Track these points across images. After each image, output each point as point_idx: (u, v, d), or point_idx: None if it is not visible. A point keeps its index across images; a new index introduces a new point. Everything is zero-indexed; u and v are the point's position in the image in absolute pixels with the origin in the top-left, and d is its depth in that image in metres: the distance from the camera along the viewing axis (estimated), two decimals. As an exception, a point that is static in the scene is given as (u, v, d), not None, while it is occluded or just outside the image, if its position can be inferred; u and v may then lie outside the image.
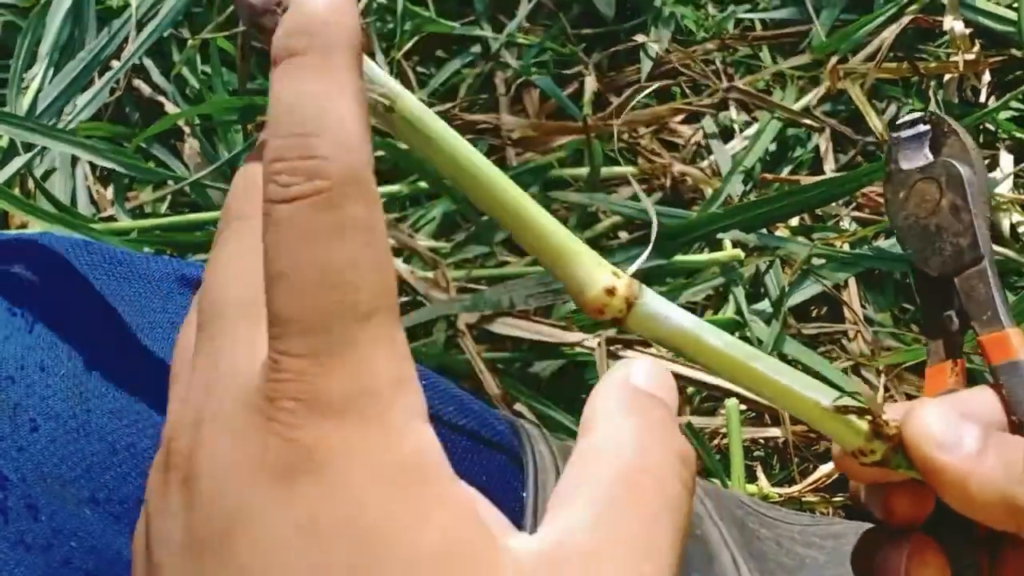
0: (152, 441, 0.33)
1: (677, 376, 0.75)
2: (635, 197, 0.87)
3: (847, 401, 0.29)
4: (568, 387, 0.77)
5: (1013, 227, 0.81)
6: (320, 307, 0.22)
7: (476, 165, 0.28)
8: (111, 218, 0.90)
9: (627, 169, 0.88)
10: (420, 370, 0.42)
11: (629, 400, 0.25)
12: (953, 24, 0.87)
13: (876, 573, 0.33)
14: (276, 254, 0.23)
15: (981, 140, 0.88)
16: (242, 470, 0.22)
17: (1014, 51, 0.90)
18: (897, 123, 0.39)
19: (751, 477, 0.73)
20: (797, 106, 0.90)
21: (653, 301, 0.28)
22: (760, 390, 0.29)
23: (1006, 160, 0.85)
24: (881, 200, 0.83)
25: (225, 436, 0.23)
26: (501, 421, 0.44)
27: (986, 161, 0.86)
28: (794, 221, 0.84)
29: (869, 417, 0.29)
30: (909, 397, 0.76)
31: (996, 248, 0.78)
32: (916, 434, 0.30)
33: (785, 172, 0.88)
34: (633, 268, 0.29)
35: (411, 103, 0.27)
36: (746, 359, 0.28)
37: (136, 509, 0.33)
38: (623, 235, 0.85)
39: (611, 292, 0.28)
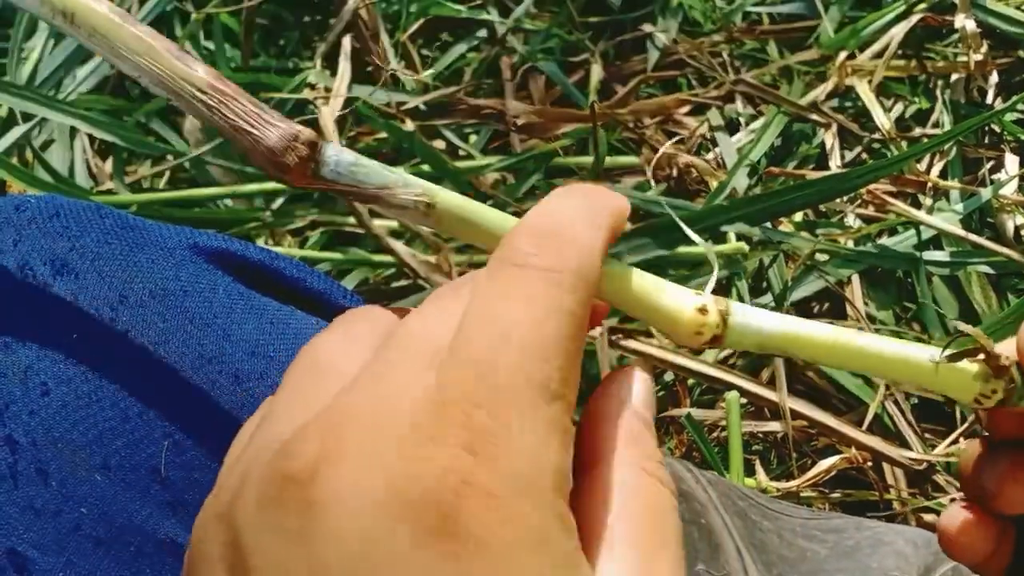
0: (166, 408, 0.33)
1: (678, 368, 0.74)
2: (640, 187, 0.87)
3: (960, 349, 0.29)
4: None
5: (1017, 229, 0.81)
6: (522, 371, 0.23)
7: None
8: (109, 191, 0.89)
9: (632, 159, 0.88)
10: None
11: (630, 431, 0.26)
12: (964, 23, 0.86)
13: (977, 479, 0.33)
14: (491, 301, 0.24)
15: (987, 142, 0.88)
16: (390, 514, 0.21)
17: (1022, 53, 0.90)
18: None
19: (749, 471, 0.73)
20: (804, 101, 0.90)
21: (742, 310, 0.28)
22: (868, 369, 0.29)
23: (1011, 162, 0.85)
24: (886, 198, 0.83)
25: (370, 472, 0.21)
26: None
27: (991, 164, 0.86)
28: (798, 216, 0.83)
29: (982, 356, 0.29)
30: (909, 396, 0.76)
31: (999, 249, 0.78)
32: None
33: (790, 167, 0.88)
34: (709, 286, 0.29)
35: (449, 196, 0.27)
36: (848, 344, 0.28)
37: (148, 476, 0.32)
38: (627, 225, 0.85)
39: (703, 311, 0.28)
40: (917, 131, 0.88)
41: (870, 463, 0.72)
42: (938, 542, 0.34)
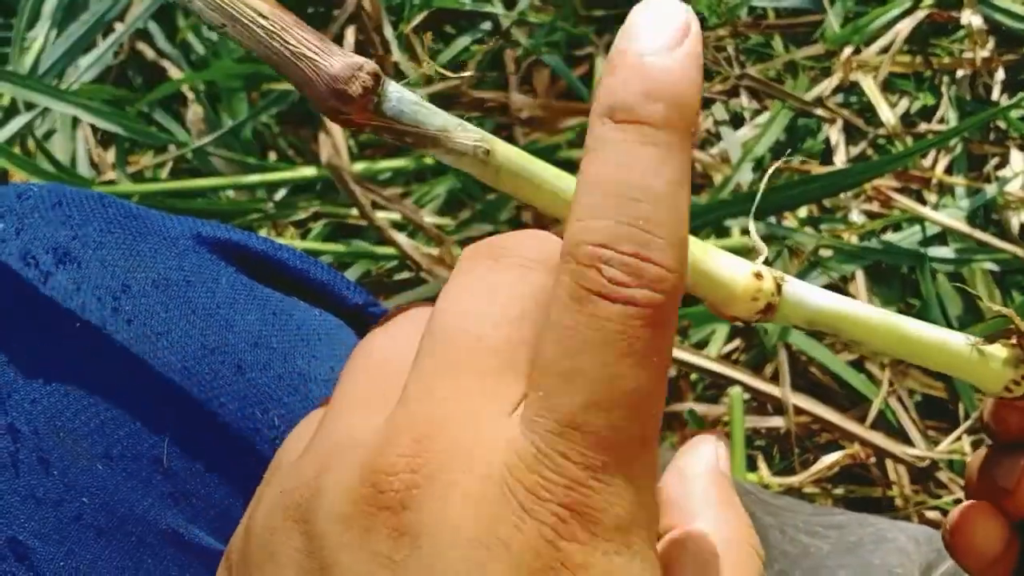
0: (168, 398, 0.33)
1: (681, 362, 0.74)
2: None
3: (998, 334, 0.29)
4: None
5: (1022, 226, 0.81)
6: (620, 428, 0.21)
7: None
8: (111, 181, 0.89)
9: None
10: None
11: (722, 492, 0.25)
12: (971, 19, 0.86)
13: (990, 480, 0.32)
14: (584, 349, 0.21)
15: (992, 138, 0.87)
16: (487, 557, 0.21)
17: (1028, 50, 0.90)
18: None
19: (752, 466, 0.73)
20: (809, 96, 0.89)
21: (796, 283, 0.28)
22: (908, 353, 0.28)
23: (1017, 158, 0.85)
24: (891, 193, 0.83)
25: (465, 509, 0.21)
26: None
27: (996, 159, 0.86)
28: (803, 212, 0.83)
29: (1014, 340, 0.29)
30: (912, 393, 0.75)
31: (1004, 246, 0.78)
32: None
33: (795, 162, 0.87)
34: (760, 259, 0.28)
35: (507, 147, 0.26)
36: (896, 327, 0.28)
37: (150, 466, 0.32)
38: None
39: (759, 276, 0.27)
40: (922, 127, 0.88)
41: (873, 459, 0.72)
42: (945, 543, 0.33)
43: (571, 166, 0.91)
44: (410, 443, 0.21)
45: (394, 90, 0.25)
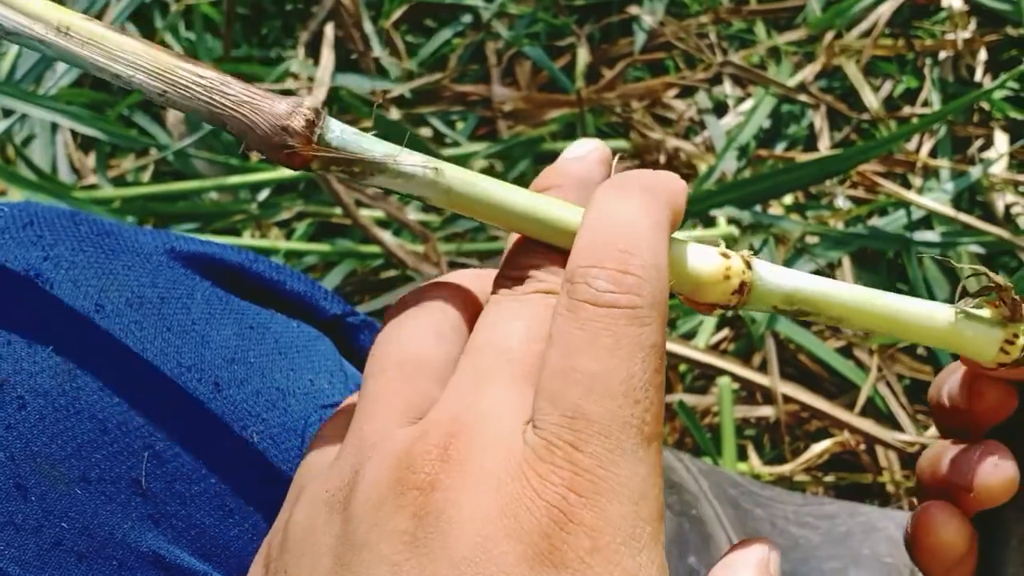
0: (145, 419, 0.32)
1: (670, 354, 0.74)
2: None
3: (982, 299, 0.28)
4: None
5: (1007, 207, 0.81)
6: (617, 414, 0.23)
7: (538, 208, 0.27)
8: (93, 186, 0.88)
9: (620, 143, 0.87)
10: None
11: None
12: (952, 1, 0.86)
13: (944, 477, 0.32)
14: (577, 349, 0.24)
15: (976, 120, 0.87)
16: (501, 534, 0.23)
17: (1010, 30, 0.90)
18: None
19: (742, 456, 0.73)
20: (792, 82, 0.89)
21: (767, 264, 0.28)
22: (893, 328, 0.28)
23: (1001, 140, 0.84)
24: (876, 178, 0.82)
25: (486, 491, 0.23)
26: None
27: (980, 141, 0.85)
28: (788, 199, 0.83)
29: (996, 302, 0.28)
30: (901, 378, 0.75)
31: (989, 228, 0.78)
32: None
33: (779, 149, 0.87)
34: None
35: (454, 168, 0.27)
36: (874, 301, 0.28)
37: (128, 488, 0.32)
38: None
39: (726, 255, 0.27)
40: (906, 110, 0.88)
41: (863, 446, 0.72)
42: (907, 547, 0.33)
43: (555, 159, 0.91)
44: (443, 436, 0.24)
45: (335, 123, 0.26)
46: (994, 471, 0.30)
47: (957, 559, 0.31)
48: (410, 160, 0.26)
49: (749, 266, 0.27)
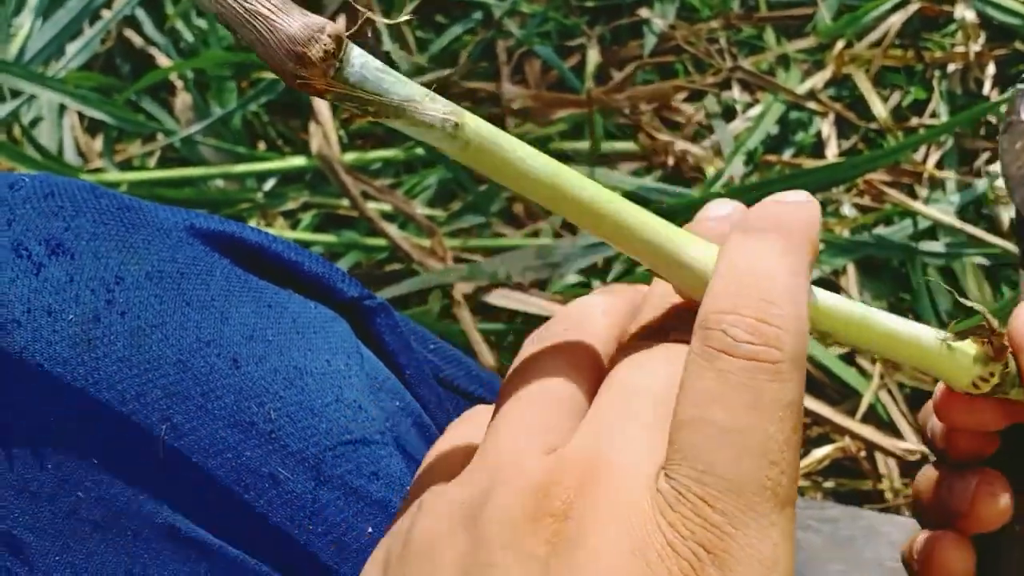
0: (163, 392, 0.32)
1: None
2: (636, 173, 0.86)
3: (967, 330, 0.29)
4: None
5: (1012, 221, 0.81)
6: (750, 475, 0.22)
7: (560, 177, 0.25)
8: (98, 170, 0.88)
9: (628, 145, 0.87)
10: (422, 333, 0.41)
11: None
12: (964, 12, 0.86)
13: (941, 503, 0.32)
14: (712, 401, 0.23)
15: (983, 132, 0.88)
16: (633, 572, 0.22)
17: (1019, 45, 0.90)
18: (1023, 75, 0.40)
19: (742, 459, 0.73)
20: (801, 89, 0.89)
21: None
22: (880, 347, 0.28)
23: (1007, 153, 0.85)
24: (882, 187, 0.83)
25: (619, 528, 0.23)
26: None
27: (987, 155, 0.86)
28: (794, 205, 0.83)
29: (984, 339, 0.29)
30: (902, 386, 0.76)
31: (994, 240, 0.78)
32: (1021, 332, 0.29)
33: (787, 155, 0.87)
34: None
35: (478, 123, 0.25)
36: (867, 319, 0.28)
37: (146, 461, 0.32)
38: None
39: None
40: (914, 121, 0.88)
41: (863, 453, 0.72)
42: (909, 572, 0.33)
43: (563, 158, 0.91)
44: (580, 470, 0.24)
45: (357, 56, 0.23)
46: (991, 500, 0.31)
47: None
48: (431, 109, 0.24)
49: None
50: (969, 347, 0.29)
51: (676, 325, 0.27)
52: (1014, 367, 0.30)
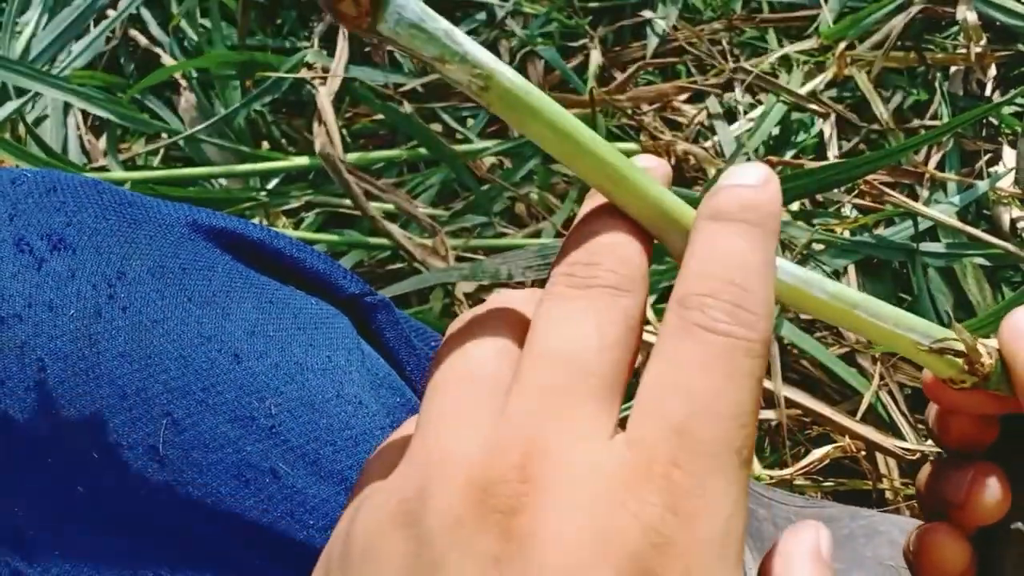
0: (164, 387, 0.32)
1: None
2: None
3: (946, 344, 0.30)
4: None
5: (1013, 222, 0.81)
6: (723, 438, 0.23)
7: (583, 136, 0.26)
8: (103, 168, 0.88)
9: (630, 146, 0.87)
10: (422, 329, 0.41)
11: (820, 574, 0.26)
12: (966, 14, 0.86)
13: (939, 494, 0.33)
14: (691, 368, 0.24)
15: (984, 134, 0.88)
16: (595, 556, 0.22)
17: (1021, 47, 0.90)
18: None
19: (743, 459, 0.73)
20: (803, 90, 0.89)
21: None
22: (861, 332, 0.30)
23: (1008, 155, 0.85)
24: (884, 188, 0.83)
25: (576, 513, 0.22)
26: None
27: (988, 155, 0.86)
28: (795, 205, 0.83)
29: (967, 362, 0.30)
30: (903, 386, 0.76)
31: (995, 242, 0.78)
32: (1011, 336, 0.30)
33: (788, 156, 0.87)
34: None
35: (506, 79, 0.26)
36: (852, 307, 0.29)
37: (146, 455, 0.32)
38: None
39: None
40: (915, 122, 0.88)
41: (863, 452, 0.72)
42: (908, 565, 0.34)
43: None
44: (519, 456, 0.23)
45: (392, 12, 0.24)
46: (985, 492, 0.32)
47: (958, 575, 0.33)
48: (458, 70, 0.25)
49: None
50: (948, 355, 0.30)
51: (600, 267, 0.26)
52: (998, 366, 0.30)
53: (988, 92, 0.88)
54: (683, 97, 0.92)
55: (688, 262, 0.26)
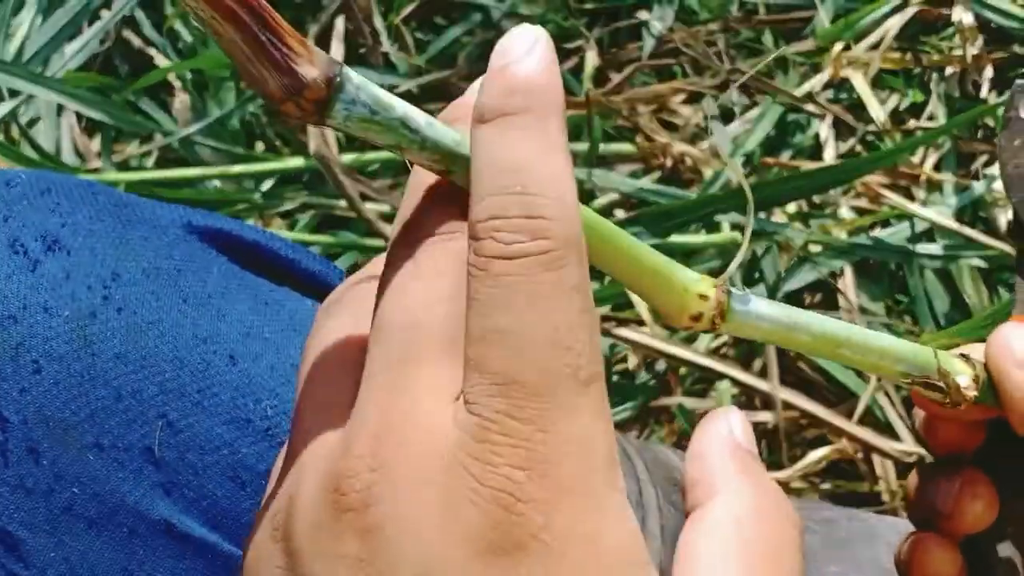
0: (160, 388, 0.32)
1: (670, 357, 0.74)
2: (634, 175, 0.87)
3: (930, 380, 0.30)
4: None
5: (1009, 223, 0.81)
6: (547, 369, 0.21)
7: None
8: (96, 170, 0.88)
9: (626, 147, 0.87)
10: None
11: (741, 462, 0.24)
12: (962, 16, 0.86)
13: (928, 503, 0.33)
14: (495, 309, 0.21)
15: (980, 136, 0.88)
16: (448, 536, 0.20)
17: (1016, 48, 0.90)
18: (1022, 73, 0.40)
19: (739, 460, 0.73)
20: (799, 91, 0.89)
21: (739, 301, 0.27)
22: (851, 364, 0.29)
23: (1004, 156, 0.85)
24: (880, 190, 0.83)
25: (422, 494, 0.21)
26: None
27: (984, 157, 0.86)
28: (792, 207, 0.83)
29: (948, 394, 0.30)
30: (899, 389, 0.76)
31: (992, 243, 0.78)
32: (997, 352, 0.30)
33: (785, 157, 0.87)
34: (726, 275, 0.28)
35: (467, 163, 0.24)
36: (836, 347, 0.28)
37: (141, 456, 0.32)
38: (620, 213, 0.84)
39: (704, 298, 0.26)
40: (911, 124, 0.88)
41: (860, 455, 0.72)
42: (899, 573, 0.34)
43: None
44: (367, 442, 0.21)
45: (340, 109, 0.22)
46: (974, 501, 0.32)
47: None
48: (418, 155, 0.23)
49: (722, 312, 0.27)
50: (930, 384, 0.30)
51: (438, 218, 0.24)
52: (985, 384, 0.30)
53: (984, 93, 0.89)
54: (679, 98, 0.92)
55: (473, 186, 0.22)
